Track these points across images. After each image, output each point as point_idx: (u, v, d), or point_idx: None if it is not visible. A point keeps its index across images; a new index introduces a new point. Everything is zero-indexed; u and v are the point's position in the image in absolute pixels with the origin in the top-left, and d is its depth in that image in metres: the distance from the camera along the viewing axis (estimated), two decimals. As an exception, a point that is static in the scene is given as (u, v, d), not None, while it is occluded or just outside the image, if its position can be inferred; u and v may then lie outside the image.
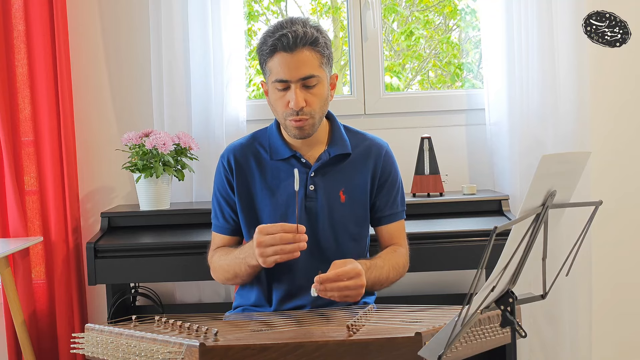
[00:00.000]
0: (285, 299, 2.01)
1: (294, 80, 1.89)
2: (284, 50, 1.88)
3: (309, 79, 1.90)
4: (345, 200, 2.01)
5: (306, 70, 1.89)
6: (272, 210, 2.01)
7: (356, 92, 2.98)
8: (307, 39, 1.89)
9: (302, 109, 1.90)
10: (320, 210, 1.99)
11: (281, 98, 1.92)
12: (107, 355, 1.65)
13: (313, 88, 1.92)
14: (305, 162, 2.01)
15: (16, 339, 2.74)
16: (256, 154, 2.05)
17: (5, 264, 2.62)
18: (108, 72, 2.95)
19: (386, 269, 1.96)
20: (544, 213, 1.37)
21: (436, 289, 2.96)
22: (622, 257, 2.93)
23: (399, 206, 2.09)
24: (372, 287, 1.96)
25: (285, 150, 2.01)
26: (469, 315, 1.31)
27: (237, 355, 1.53)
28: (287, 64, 1.88)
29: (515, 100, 2.79)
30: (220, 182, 2.08)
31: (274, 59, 1.90)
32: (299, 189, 1.78)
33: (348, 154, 2.03)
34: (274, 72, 1.91)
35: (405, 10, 3.50)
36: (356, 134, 2.09)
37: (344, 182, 2.02)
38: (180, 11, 2.79)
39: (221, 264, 2.01)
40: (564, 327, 2.79)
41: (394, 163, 2.09)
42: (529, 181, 1.36)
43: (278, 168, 2.02)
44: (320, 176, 2.01)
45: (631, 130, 2.91)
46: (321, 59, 1.92)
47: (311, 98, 1.92)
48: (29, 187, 2.80)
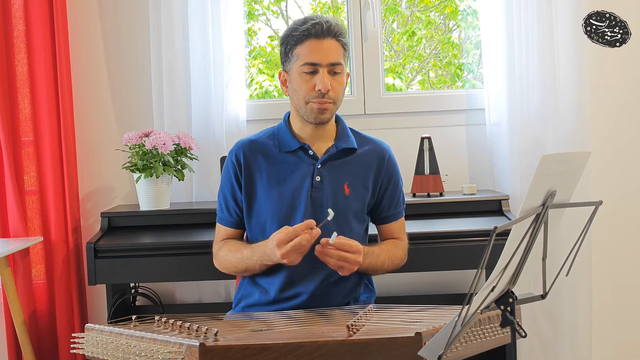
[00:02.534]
0: (286, 286, 2.04)
1: (323, 64, 1.99)
2: (315, 37, 1.99)
3: (336, 66, 2.01)
4: (349, 193, 2.08)
5: (334, 57, 2.00)
6: (278, 204, 2.06)
7: (356, 92, 2.98)
8: (337, 30, 2.01)
9: (328, 93, 1.99)
10: (325, 201, 2.05)
11: (307, 82, 2.00)
12: (107, 355, 1.65)
13: (337, 75, 2.02)
14: (313, 154, 2.08)
15: (16, 339, 2.74)
16: (265, 148, 2.11)
17: (5, 264, 2.62)
18: (108, 72, 2.95)
19: (382, 257, 2.07)
20: (544, 213, 1.37)
21: (436, 289, 2.96)
22: (622, 257, 2.93)
23: (400, 205, 2.18)
24: (366, 271, 2.08)
25: (294, 142, 2.08)
26: (469, 315, 1.31)
27: (237, 355, 1.53)
28: (318, 49, 1.99)
29: (515, 101, 2.79)
30: (228, 177, 2.13)
31: (304, 45, 2.00)
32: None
33: (354, 150, 2.11)
34: (303, 56, 2.00)
35: (405, 10, 3.50)
36: (360, 135, 2.18)
37: (349, 177, 2.09)
38: (180, 11, 2.79)
39: (231, 260, 2.07)
40: (564, 327, 2.79)
41: (396, 166, 2.17)
42: (529, 181, 1.36)
43: (286, 160, 2.08)
44: (327, 168, 2.07)
45: (631, 130, 2.91)
46: (344, 53, 2.04)
47: (335, 85, 2.01)
48: (29, 187, 2.80)
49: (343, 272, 1.93)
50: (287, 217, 2.04)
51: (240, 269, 2.07)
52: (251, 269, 2.04)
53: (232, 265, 2.08)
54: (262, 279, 2.07)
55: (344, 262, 1.89)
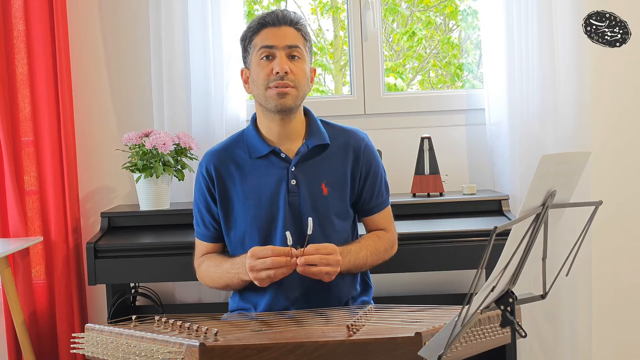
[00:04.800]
0: (273, 303, 1.99)
1: (280, 47, 1.96)
2: (272, 25, 1.98)
3: (294, 49, 1.98)
4: (327, 192, 2.02)
5: (292, 40, 1.98)
6: (256, 213, 2.01)
7: (356, 92, 2.98)
8: (293, 19, 2.00)
9: (287, 75, 1.95)
10: (304, 204, 2.00)
11: (265, 67, 1.97)
12: (107, 355, 1.65)
13: (297, 60, 1.98)
14: (285, 156, 2.02)
15: (16, 339, 2.74)
16: (234, 157, 2.06)
17: (5, 264, 2.62)
18: (108, 72, 2.95)
19: (363, 254, 2.01)
20: (544, 213, 1.37)
21: (436, 289, 2.96)
22: (623, 257, 2.92)
23: (383, 195, 2.12)
24: (348, 271, 2.00)
25: (264, 147, 2.03)
26: (469, 315, 1.31)
27: (237, 355, 1.53)
28: (273, 34, 1.98)
29: (515, 101, 2.79)
30: (200, 191, 2.09)
31: (260, 34, 1.99)
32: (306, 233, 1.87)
33: (326, 145, 2.05)
34: (260, 42, 1.98)
35: (405, 10, 3.50)
36: (333, 126, 2.10)
37: (325, 175, 2.03)
38: (180, 11, 2.79)
39: (211, 275, 2.04)
40: (564, 327, 2.79)
41: (375, 155, 2.10)
42: (529, 181, 1.36)
43: (258, 167, 2.03)
44: (301, 170, 2.02)
45: (631, 130, 2.91)
46: (304, 42, 2.01)
47: (295, 69, 1.97)
48: (29, 187, 2.80)
49: (329, 278, 1.87)
50: (266, 226, 2.00)
51: (220, 284, 2.02)
52: (230, 284, 1.99)
53: (213, 281, 2.04)
54: (251, 295, 2.03)
55: (326, 266, 1.83)
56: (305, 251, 1.83)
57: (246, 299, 2.05)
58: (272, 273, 1.82)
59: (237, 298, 2.09)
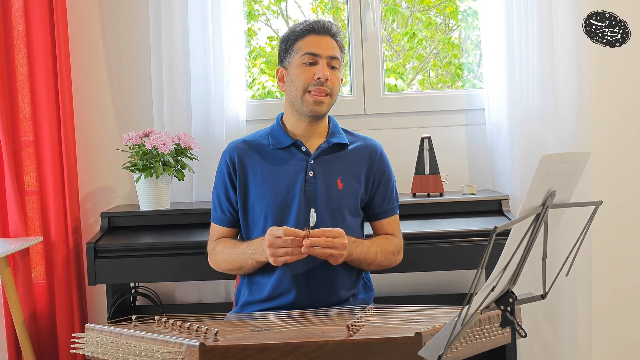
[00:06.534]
0: (279, 284, 2.05)
1: (323, 56, 2.09)
2: (316, 33, 2.10)
3: (334, 60, 2.11)
4: (342, 187, 2.11)
5: (333, 51, 2.11)
6: (272, 199, 2.09)
7: (356, 92, 2.98)
8: (335, 32, 2.13)
9: (326, 82, 2.07)
10: (319, 195, 2.09)
11: (307, 71, 2.08)
12: (107, 355, 1.65)
13: (335, 70, 2.11)
14: (306, 150, 2.13)
15: (16, 339, 2.74)
16: (258, 147, 2.17)
17: (5, 264, 2.62)
18: (108, 72, 2.95)
19: (373, 249, 2.09)
20: (544, 213, 1.37)
21: (436, 289, 2.96)
22: (623, 257, 2.93)
23: (393, 202, 2.22)
24: (360, 264, 2.08)
25: (287, 139, 2.14)
26: (469, 315, 1.31)
27: (237, 355, 1.53)
28: (319, 42, 2.10)
29: (515, 101, 2.79)
30: (222, 178, 2.18)
31: (305, 39, 2.10)
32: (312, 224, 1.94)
33: (345, 145, 2.16)
34: (304, 48, 2.09)
35: (405, 10, 3.50)
36: (351, 133, 2.24)
37: (342, 171, 2.13)
38: (180, 11, 2.79)
39: (225, 256, 2.11)
40: (564, 327, 2.79)
41: (388, 163, 2.22)
42: (529, 181, 1.36)
43: (279, 156, 2.13)
44: (319, 164, 2.12)
45: (631, 130, 2.91)
46: (341, 54, 2.15)
47: (333, 77, 2.10)
48: (29, 187, 2.80)
49: (334, 260, 1.94)
50: (281, 212, 2.08)
51: (234, 266, 2.10)
52: (245, 266, 2.07)
53: (227, 262, 2.11)
54: (258, 277, 2.10)
55: (331, 249, 1.91)
56: (311, 232, 1.90)
57: (253, 281, 2.12)
58: (290, 251, 1.90)
59: (245, 281, 2.15)
